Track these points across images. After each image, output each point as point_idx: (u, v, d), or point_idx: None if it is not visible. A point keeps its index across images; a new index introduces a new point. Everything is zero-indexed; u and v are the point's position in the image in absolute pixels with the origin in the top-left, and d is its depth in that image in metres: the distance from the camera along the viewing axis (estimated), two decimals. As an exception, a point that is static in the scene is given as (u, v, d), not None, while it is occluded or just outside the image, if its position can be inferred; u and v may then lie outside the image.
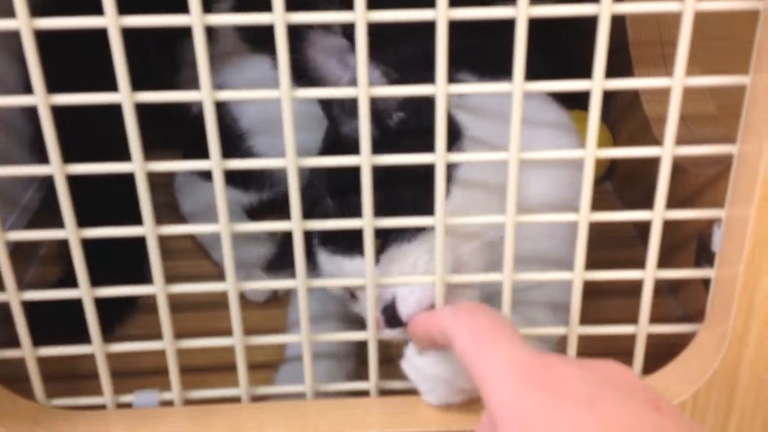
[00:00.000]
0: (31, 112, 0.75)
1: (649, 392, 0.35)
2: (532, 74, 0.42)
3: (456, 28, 0.41)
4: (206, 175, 0.73)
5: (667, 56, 0.78)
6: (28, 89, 0.41)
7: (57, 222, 0.45)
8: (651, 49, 0.79)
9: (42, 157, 0.44)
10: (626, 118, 0.82)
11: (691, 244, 0.62)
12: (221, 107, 0.74)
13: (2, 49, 0.70)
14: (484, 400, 0.37)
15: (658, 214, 0.47)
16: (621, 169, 0.86)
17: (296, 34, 0.45)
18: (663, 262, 0.48)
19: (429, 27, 0.41)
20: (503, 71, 0.44)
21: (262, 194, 0.80)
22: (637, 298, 0.49)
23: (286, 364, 0.61)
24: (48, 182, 0.73)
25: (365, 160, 0.44)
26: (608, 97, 0.44)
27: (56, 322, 0.52)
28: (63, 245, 0.46)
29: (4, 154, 0.72)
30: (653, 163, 0.46)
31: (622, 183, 0.85)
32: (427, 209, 0.46)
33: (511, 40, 0.41)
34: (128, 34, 0.41)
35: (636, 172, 0.81)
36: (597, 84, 0.43)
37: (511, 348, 0.38)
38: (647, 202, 0.48)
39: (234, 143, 0.75)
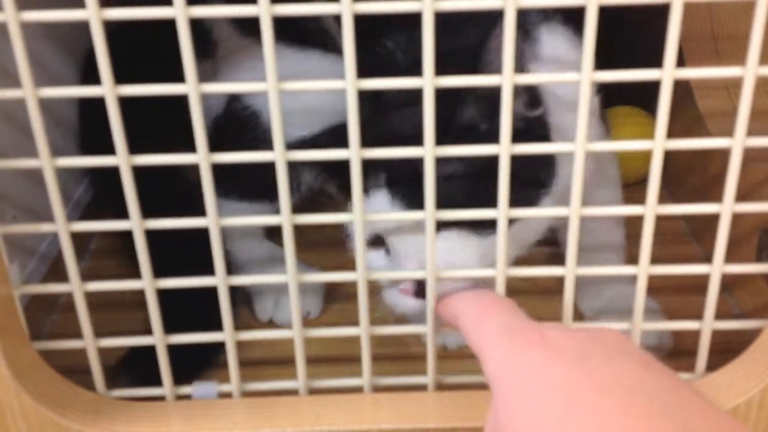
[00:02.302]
0: (81, 107, 0.77)
1: (643, 355, 0.36)
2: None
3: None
4: (229, 195, 0.73)
5: (720, 51, 0.77)
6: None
7: (108, 216, 0.46)
8: (703, 43, 0.77)
9: (90, 152, 0.44)
10: (678, 113, 0.81)
11: (750, 240, 0.60)
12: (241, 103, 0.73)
13: (52, 41, 0.71)
14: (484, 371, 0.38)
15: (726, 207, 0.46)
16: (671, 166, 0.84)
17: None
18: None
19: None
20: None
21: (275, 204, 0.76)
22: (691, 295, 0.48)
23: None
24: (100, 177, 0.74)
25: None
26: (658, 91, 0.43)
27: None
28: (126, 240, 0.47)
29: (58, 148, 0.72)
30: (706, 159, 0.45)
31: (672, 179, 0.84)
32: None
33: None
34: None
35: (686, 168, 0.80)
36: (668, 73, 0.42)
37: (506, 318, 0.40)
38: (699, 198, 0.47)
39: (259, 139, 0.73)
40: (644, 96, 0.73)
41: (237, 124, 0.70)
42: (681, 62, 0.77)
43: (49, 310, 0.66)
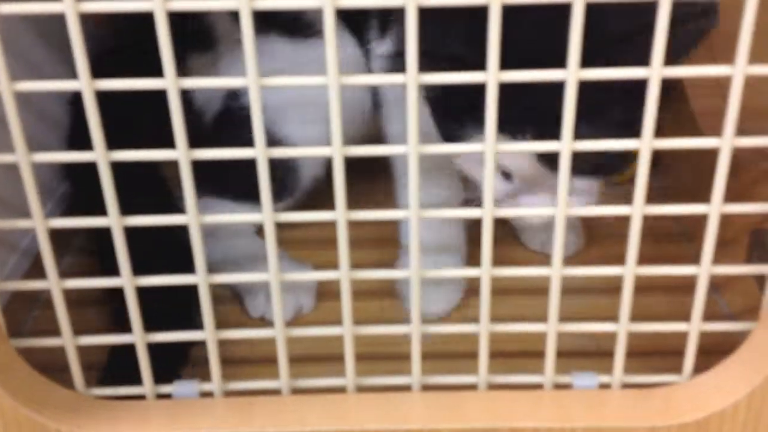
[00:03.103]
0: (69, 102, 0.76)
1: None
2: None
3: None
4: (222, 194, 0.72)
5: (715, 47, 0.76)
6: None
7: (91, 213, 0.45)
8: (697, 40, 0.77)
9: (78, 148, 0.44)
10: (671, 111, 0.80)
11: (741, 240, 0.60)
12: (238, 101, 0.72)
13: (38, 34, 0.70)
14: None
15: (714, 208, 0.45)
16: (664, 161, 0.84)
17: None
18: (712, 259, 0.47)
19: None
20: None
21: (280, 204, 0.75)
22: (680, 295, 0.47)
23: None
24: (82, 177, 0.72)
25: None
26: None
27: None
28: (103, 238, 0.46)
29: (42, 143, 0.71)
30: (699, 158, 0.44)
31: (665, 175, 0.83)
32: None
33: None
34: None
35: (680, 164, 0.79)
36: (656, 71, 0.41)
37: None
38: (693, 195, 0.46)
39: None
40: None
41: (234, 121, 0.70)
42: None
43: (31, 306, 0.66)
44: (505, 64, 0.41)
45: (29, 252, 0.66)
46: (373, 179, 0.68)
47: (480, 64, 0.41)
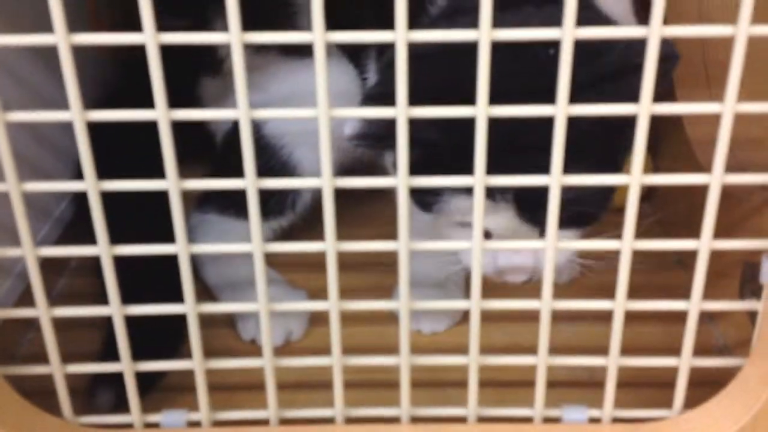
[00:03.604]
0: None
1: None
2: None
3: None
4: (225, 211, 0.72)
5: (711, 77, 0.76)
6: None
7: (91, 234, 0.45)
8: (694, 68, 0.77)
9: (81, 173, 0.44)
10: (667, 138, 0.80)
11: (734, 272, 0.59)
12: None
13: (43, 62, 0.70)
14: None
15: (704, 244, 0.45)
16: (660, 190, 0.84)
17: None
18: (705, 290, 0.46)
19: None
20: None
21: (282, 220, 0.74)
22: (673, 324, 0.47)
23: None
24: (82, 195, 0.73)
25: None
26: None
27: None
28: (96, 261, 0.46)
29: (39, 166, 0.72)
30: (693, 188, 0.44)
31: (661, 204, 0.83)
32: None
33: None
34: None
35: (676, 193, 0.79)
36: (644, 108, 0.41)
37: None
38: (688, 225, 0.46)
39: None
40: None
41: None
42: (671, 88, 0.77)
43: (27, 328, 0.66)
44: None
45: (24, 274, 0.65)
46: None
47: (453, 149, 0.41)
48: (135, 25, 0.40)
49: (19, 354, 0.64)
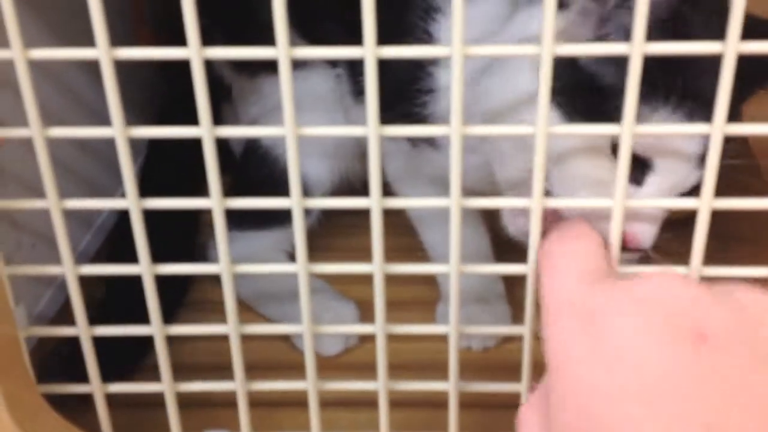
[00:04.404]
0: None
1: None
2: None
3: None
4: (243, 225, 0.72)
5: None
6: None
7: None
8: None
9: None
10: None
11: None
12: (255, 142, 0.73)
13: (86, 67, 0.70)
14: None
15: (778, 272, 0.42)
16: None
17: None
18: None
19: None
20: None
21: (289, 228, 0.75)
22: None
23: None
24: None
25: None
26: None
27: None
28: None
29: (81, 173, 0.71)
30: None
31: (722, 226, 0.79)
32: None
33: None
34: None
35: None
36: (717, 128, 0.39)
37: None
38: (751, 248, 0.43)
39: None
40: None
41: (255, 157, 0.70)
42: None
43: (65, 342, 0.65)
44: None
45: (64, 286, 0.65)
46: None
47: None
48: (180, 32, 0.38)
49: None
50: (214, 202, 0.42)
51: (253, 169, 0.73)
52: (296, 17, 0.65)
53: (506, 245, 0.56)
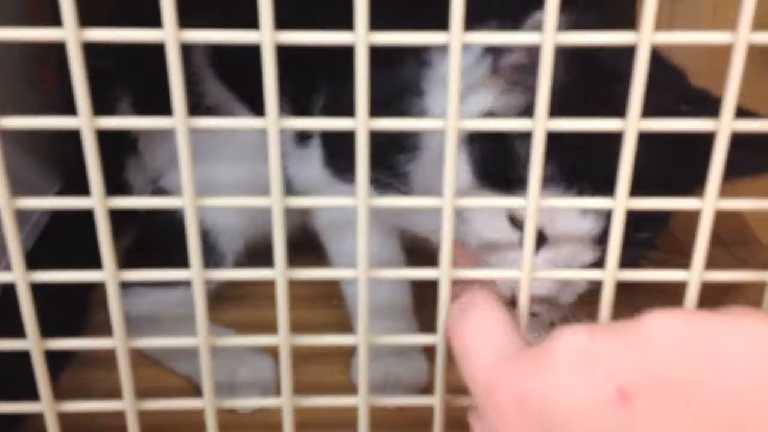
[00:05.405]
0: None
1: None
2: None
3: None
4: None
5: None
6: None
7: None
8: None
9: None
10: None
11: None
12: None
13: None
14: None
15: None
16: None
17: None
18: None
19: None
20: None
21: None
22: None
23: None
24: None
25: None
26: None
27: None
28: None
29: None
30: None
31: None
32: None
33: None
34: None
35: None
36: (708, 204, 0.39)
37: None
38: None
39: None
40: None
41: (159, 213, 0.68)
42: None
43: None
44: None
45: None
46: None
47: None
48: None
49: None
50: (108, 274, 0.40)
51: (159, 221, 0.69)
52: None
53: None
